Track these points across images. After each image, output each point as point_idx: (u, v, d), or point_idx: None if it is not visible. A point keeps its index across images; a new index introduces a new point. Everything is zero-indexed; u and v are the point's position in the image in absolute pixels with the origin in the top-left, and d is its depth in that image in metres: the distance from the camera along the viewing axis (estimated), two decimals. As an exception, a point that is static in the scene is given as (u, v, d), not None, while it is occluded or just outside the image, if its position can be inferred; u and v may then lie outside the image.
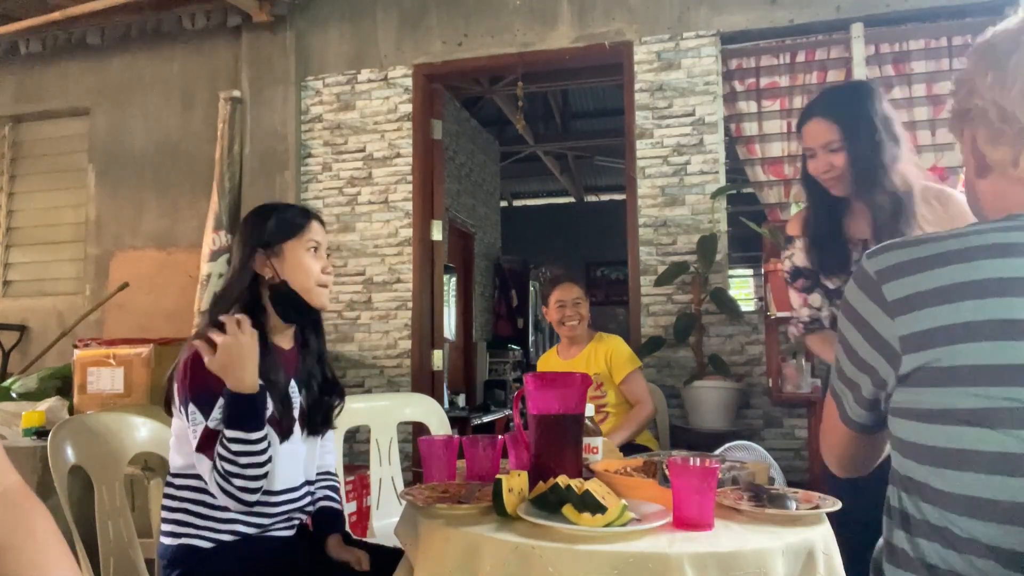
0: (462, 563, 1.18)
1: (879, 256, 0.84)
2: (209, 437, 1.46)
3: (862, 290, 0.84)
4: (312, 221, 1.66)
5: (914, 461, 0.81)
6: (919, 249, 0.81)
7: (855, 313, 0.85)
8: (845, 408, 0.92)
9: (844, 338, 0.88)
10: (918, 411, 0.79)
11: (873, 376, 0.84)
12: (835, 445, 1.00)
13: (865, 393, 0.87)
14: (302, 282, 1.61)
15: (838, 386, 0.92)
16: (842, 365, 0.90)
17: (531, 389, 1.46)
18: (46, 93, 4.73)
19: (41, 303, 4.61)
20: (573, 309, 2.91)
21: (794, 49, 3.62)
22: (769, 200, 3.68)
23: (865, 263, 0.85)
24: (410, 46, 4.08)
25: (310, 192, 4.18)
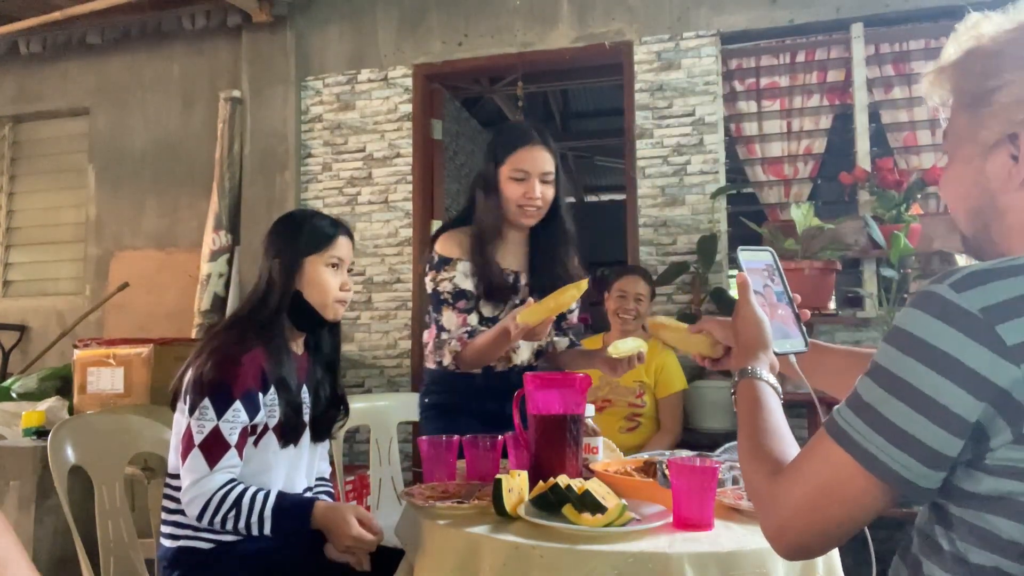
0: (462, 563, 1.18)
1: (976, 289, 0.69)
2: (217, 441, 1.47)
3: (959, 330, 0.69)
4: (339, 236, 1.65)
5: (1007, 519, 0.71)
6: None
7: (944, 357, 0.69)
8: (905, 476, 0.73)
9: (913, 388, 0.71)
10: None
11: (962, 429, 0.70)
12: (841, 518, 0.78)
13: (945, 450, 0.71)
14: (318, 297, 1.62)
15: (888, 450, 0.73)
16: (904, 424, 0.72)
17: (531, 389, 1.47)
18: (46, 93, 4.73)
19: (41, 303, 4.61)
20: (633, 303, 2.88)
21: (794, 49, 3.62)
22: (769, 200, 3.68)
23: (956, 298, 0.70)
24: (410, 46, 4.08)
25: (310, 192, 4.18)
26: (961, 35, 0.86)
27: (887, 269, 2.98)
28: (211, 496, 1.46)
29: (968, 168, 0.83)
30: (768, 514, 0.84)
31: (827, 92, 3.58)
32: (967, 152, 0.83)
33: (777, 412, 0.96)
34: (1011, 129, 0.78)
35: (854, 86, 3.48)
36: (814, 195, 3.69)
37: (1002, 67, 0.79)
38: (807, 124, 3.61)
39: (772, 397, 0.99)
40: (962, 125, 0.83)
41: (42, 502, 2.75)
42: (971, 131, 0.82)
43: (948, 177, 0.88)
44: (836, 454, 0.78)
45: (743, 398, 1.00)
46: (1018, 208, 0.80)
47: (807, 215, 3.06)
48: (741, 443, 0.95)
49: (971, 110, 0.82)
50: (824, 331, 3.35)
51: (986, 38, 0.83)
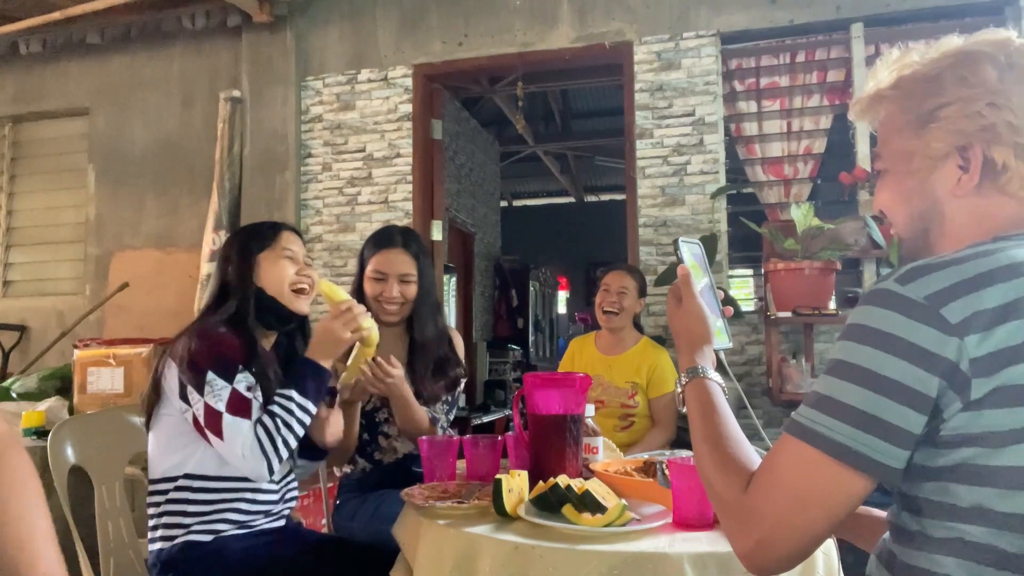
0: (462, 563, 1.18)
1: (917, 281, 0.77)
2: (241, 399, 1.50)
3: (907, 316, 0.76)
4: (284, 231, 1.72)
5: (966, 485, 0.77)
6: (959, 269, 0.77)
7: (898, 341, 0.76)
8: (878, 459, 0.77)
9: (875, 373, 0.77)
10: (990, 435, 0.75)
11: (924, 405, 0.76)
12: (823, 519, 0.80)
13: (910, 427, 0.76)
14: (276, 287, 1.66)
15: (858, 436, 0.77)
16: (871, 408, 0.77)
17: (531, 389, 1.47)
18: (46, 93, 4.73)
19: (41, 303, 4.61)
20: (615, 296, 2.86)
21: (794, 49, 3.62)
22: (769, 200, 3.68)
23: (902, 290, 0.77)
24: (410, 46, 4.08)
25: (310, 192, 4.18)
26: (889, 66, 0.94)
27: (887, 269, 2.98)
28: (258, 438, 1.49)
29: (914, 178, 0.90)
30: (745, 530, 0.83)
31: (827, 92, 3.58)
32: (915, 164, 0.90)
33: (730, 415, 0.97)
34: (960, 141, 0.86)
35: (854, 86, 3.48)
36: (814, 195, 3.69)
37: (943, 88, 0.87)
38: (807, 124, 3.61)
39: (722, 399, 1.00)
40: (908, 141, 0.90)
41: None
42: (919, 145, 0.89)
43: (889, 186, 0.95)
44: (806, 453, 0.80)
45: (695, 400, 1.00)
46: (959, 214, 0.88)
47: (807, 215, 3.06)
48: (700, 450, 0.94)
49: (917, 128, 0.89)
50: (824, 331, 3.36)
51: (920, 65, 0.91)
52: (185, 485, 1.55)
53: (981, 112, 0.84)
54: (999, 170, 0.85)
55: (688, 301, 1.09)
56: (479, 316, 6.91)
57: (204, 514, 1.56)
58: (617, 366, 2.87)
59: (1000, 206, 0.86)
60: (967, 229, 0.87)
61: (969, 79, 0.85)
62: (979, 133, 0.85)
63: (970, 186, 0.86)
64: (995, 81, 0.84)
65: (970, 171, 0.86)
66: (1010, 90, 0.84)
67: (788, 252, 3.06)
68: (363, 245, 2.10)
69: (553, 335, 9.00)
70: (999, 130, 0.84)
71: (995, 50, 0.86)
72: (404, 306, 2.00)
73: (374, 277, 2.00)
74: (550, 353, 8.68)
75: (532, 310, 7.88)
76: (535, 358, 7.85)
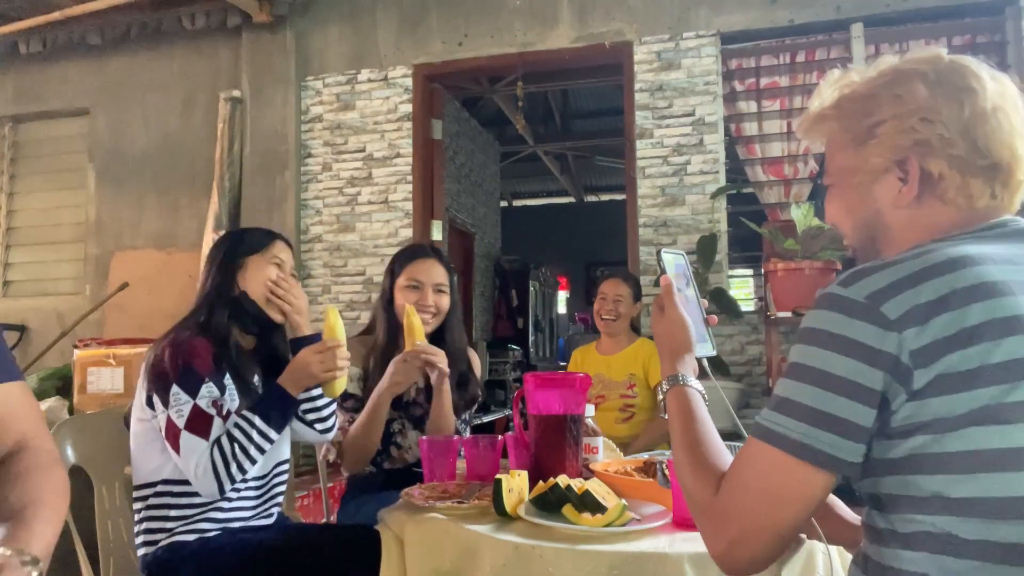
0: (461, 563, 1.18)
1: (858, 283, 0.82)
2: (201, 416, 1.49)
3: (850, 316, 0.81)
4: (277, 240, 1.72)
5: (922, 474, 0.79)
6: (896, 269, 0.82)
7: (843, 340, 0.81)
8: (834, 454, 0.81)
9: (824, 372, 0.81)
10: (936, 422, 0.78)
11: (871, 399, 0.80)
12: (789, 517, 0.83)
13: (862, 421, 0.80)
14: (260, 292, 1.66)
15: (813, 434, 0.81)
16: (823, 406, 0.81)
17: (531, 389, 1.47)
18: (46, 93, 4.73)
19: (41, 303, 4.61)
20: (612, 304, 2.99)
21: (794, 49, 3.62)
22: (769, 200, 3.68)
23: (844, 292, 0.82)
24: (410, 46, 4.08)
25: (310, 192, 4.18)
26: (831, 85, 0.99)
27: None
28: (212, 459, 1.48)
29: (857, 192, 0.96)
30: (718, 532, 0.87)
31: (827, 92, 3.57)
32: (858, 179, 0.95)
33: (709, 422, 1.01)
34: (897, 155, 0.90)
35: (854, 86, 3.48)
36: (814, 195, 3.69)
37: (880, 105, 0.92)
38: (807, 124, 3.61)
39: (702, 406, 1.03)
40: (850, 158, 0.95)
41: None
42: (860, 161, 0.94)
43: (835, 200, 1.00)
44: (768, 454, 0.84)
45: (675, 408, 1.03)
46: (901, 222, 0.93)
47: (807, 215, 3.06)
48: (678, 456, 0.98)
49: (857, 145, 0.94)
50: (824, 331, 3.35)
51: (858, 84, 0.96)
52: (165, 490, 1.56)
53: (915, 127, 0.89)
54: (936, 180, 0.89)
55: (670, 310, 1.12)
56: (479, 316, 6.91)
57: (186, 517, 1.56)
58: (616, 363, 2.98)
59: (938, 213, 0.91)
60: (909, 235, 0.92)
61: (903, 96, 0.90)
62: (914, 147, 0.89)
63: (910, 197, 0.91)
64: (926, 98, 0.89)
65: (909, 183, 0.90)
66: (940, 105, 0.88)
67: (788, 252, 3.06)
68: (392, 260, 2.09)
69: (553, 335, 9.00)
70: (932, 144, 0.88)
71: (926, 67, 0.91)
72: (436, 317, 1.99)
73: (409, 286, 1.98)
74: (550, 353, 8.68)
75: (532, 310, 7.88)
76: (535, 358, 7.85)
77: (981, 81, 0.90)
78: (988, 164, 0.88)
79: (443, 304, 2.00)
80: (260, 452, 1.53)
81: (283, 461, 1.78)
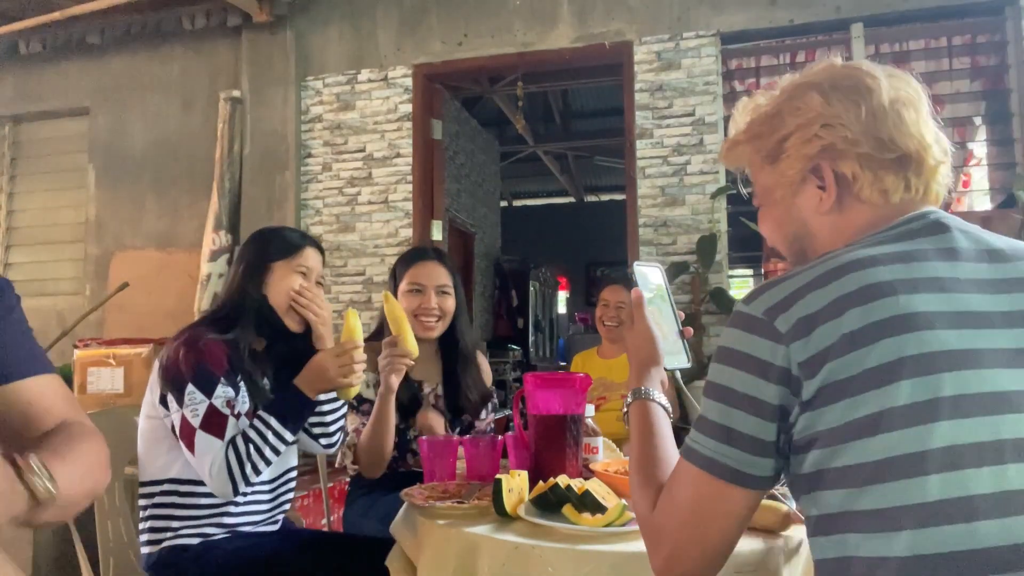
0: (462, 563, 1.18)
1: (759, 298, 0.83)
2: (216, 416, 1.48)
3: (749, 332, 0.82)
4: (307, 247, 1.70)
5: (825, 489, 0.77)
6: (794, 280, 0.83)
7: (742, 356, 0.82)
8: (741, 469, 0.82)
9: (727, 388, 0.83)
10: (828, 432, 0.77)
11: (769, 413, 0.80)
12: (717, 533, 0.85)
13: (763, 435, 0.81)
14: (282, 300, 1.65)
15: (721, 450, 0.82)
16: (726, 421, 0.82)
17: (531, 389, 1.47)
18: (46, 93, 4.73)
19: (41, 303, 4.61)
20: (614, 311, 3.02)
21: (794, 49, 3.62)
22: (769, 200, 3.68)
23: (746, 308, 0.84)
24: (410, 46, 4.08)
25: (310, 192, 4.18)
26: (742, 112, 1.02)
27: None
28: (227, 459, 1.47)
29: (781, 206, 0.98)
30: (655, 547, 0.89)
31: (827, 92, 3.57)
32: (779, 195, 0.97)
33: (668, 438, 1.02)
34: (810, 164, 0.93)
35: (854, 86, 3.48)
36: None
37: (783, 121, 0.95)
38: (807, 124, 3.61)
39: (664, 421, 1.04)
40: (768, 176, 0.98)
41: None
42: (776, 177, 0.97)
43: (765, 218, 1.03)
44: (690, 472, 0.86)
45: (636, 421, 1.04)
46: (824, 229, 0.94)
47: (807, 215, 3.06)
48: (632, 470, 1.00)
49: (772, 162, 0.97)
50: (824, 331, 3.35)
51: (763, 105, 1.00)
52: (171, 490, 1.55)
53: (818, 134, 0.91)
54: (851, 181, 0.91)
55: (639, 323, 1.14)
56: (479, 316, 6.91)
57: (192, 518, 1.55)
58: (617, 366, 3.02)
59: (857, 213, 0.92)
60: (830, 241, 0.93)
61: (802, 108, 0.93)
62: (822, 153, 0.91)
63: (830, 201, 0.92)
64: (822, 104, 0.91)
65: (827, 188, 0.92)
66: (838, 110, 0.90)
67: (788, 252, 3.06)
68: (393, 266, 2.08)
69: (553, 335, 9.00)
70: (838, 146, 0.90)
71: (820, 77, 0.95)
72: (442, 321, 1.98)
73: (411, 290, 1.97)
74: (550, 353, 8.69)
75: (532, 310, 7.89)
76: (535, 358, 7.86)
77: (876, 80, 0.91)
78: (897, 156, 0.89)
79: (447, 306, 1.99)
80: (275, 453, 1.52)
81: (291, 468, 1.78)
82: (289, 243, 1.69)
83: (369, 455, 1.84)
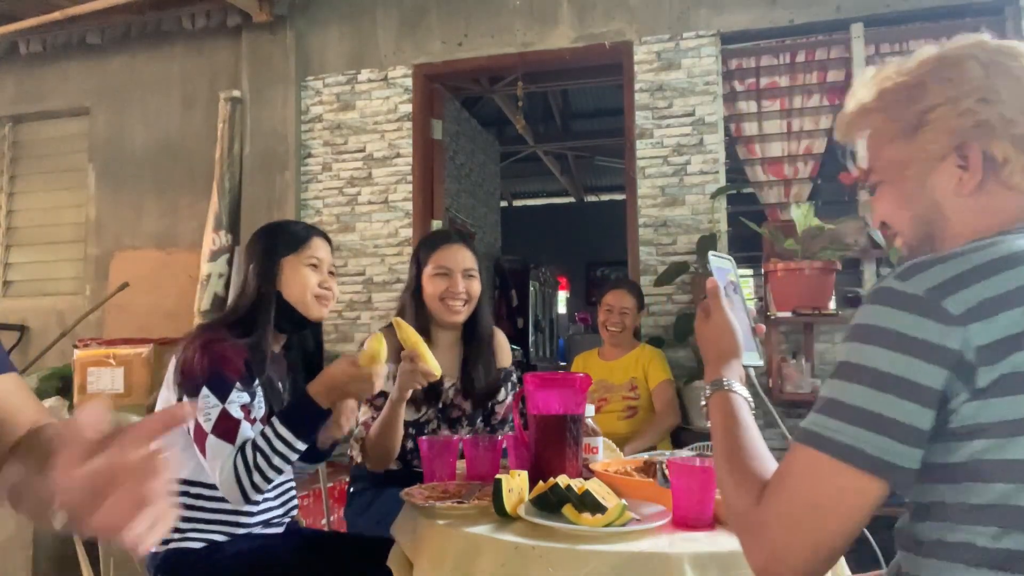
0: (462, 563, 1.18)
1: (916, 276, 0.77)
2: (228, 420, 1.47)
3: (907, 310, 0.75)
4: (313, 237, 1.69)
5: (981, 482, 0.75)
6: (956, 263, 0.77)
7: (897, 335, 0.75)
8: (889, 459, 0.75)
9: (876, 371, 0.76)
10: (998, 424, 0.73)
11: (929, 399, 0.74)
12: (837, 527, 0.77)
13: (918, 423, 0.74)
14: (298, 295, 1.64)
15: (865, 437, 0.75)
16: (874, 407, 0.75)
17: (531, 389, 1.47)
18: (46, 93, 4.73)
19: (41, 303, 4.61)
20: (618, 316, 3.04)
21: (794, 49, 3.62)
22: (769, 200, 3.68)
23: (902, 286, 0.77)
24: (410, 46, 4.08)
25: (310, 192, 4.18)
26: (867, 83, 0.95)
27: (887, 269, 2.98)
28: (235, 466, 1.46)
29: (912, 183, 0.91)
30: (757, 543, 0.82)
31: (827, 92, 3.58)
32: (912, 171, 0.90)
33: (754, 428, 0.96)
34: (956, 140, 0.86)
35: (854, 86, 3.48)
36: (814, 195, 3.69)
37: (928, 92, 0.88)
38: (807, 124, 3.61)
39: (747, 411, 0.98)
40: (899, 149, 0.91)
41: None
42: (913, 151, 0.89)
43: (887, 196, 0.95)
44: (815, 460, 0.78)
45: (717, 412, 0.99)
46: (962, 213, 0.88)
47: (807, 215, 3.06)
48: (718, 463, 0.93)
49: (907, 135, 0.90)
50: (824, 331, 3.35)
51: (899, 76, 0.92)
52: (182, 490, 1.55)
53: (972, 109, 0.84)
54: (1000, 164, 0.84)
55: (717, 315, 1.08)
56: (479, 316, 6.90)
57: (199, 520, 1.55)
58: (618, 368, 3.06)
59: (1004, 200, 0.86)
60: (970, 227, 0.87)
61: (954, 79, 0.86)
62: (974, 130, 0.84)
63: (972, 184, 0.86)
64: (982, 78, 0.84)
65: (970, 169, 0.85)
66: (997, 84, 0.84)
67: (788, 252, 3.06)
68: (416, 249, 2.05)
69: (553, 335, 9.00)
70: (993, 124, 0.83)
71: (975, 50, 0.87)
72: (468, 305, 1.95)
73: (438, 273, 1.92)
74: (550, 353, 8.68)
75: (532, 310, 7.88)
76: (535, 358, 7.85)
77: None
78: None
79: (474, 289, 1.96)
80: (285, 462, 1.49)
81: None
82: (296, 236, 1.68)
83: (376, 450, 1.83)
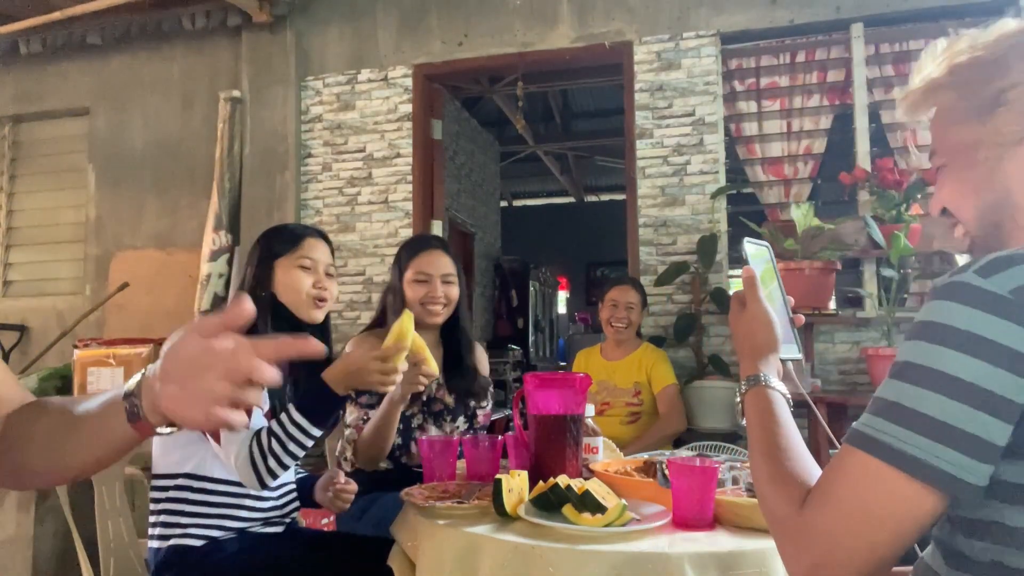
0: (462, 563, 1.18)
1: (1001, 274, 0.69)
2: None
3: (989, 312, 0.68)
4: (306, 238, 1.70)
5: None
6: None
7: (976, 339, 0.68)
8: (957, 475, 0.68)
9: (948, 376, 0.68)
10: None
11: (1009, 412, 0.67)
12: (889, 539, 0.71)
13: (995, 438, 0.67)
14: (291, 298, 1.65)
15: (932, 449, 0.68)
16: (944, 416, 0.68)
17: (531, 389, 1.47)
18: (46, 93, 4.73)
19: (41, 303, 4.61)
20: (624, 312, 3.00)
21: (794, 49, 3.62)
22: (769, 200, 3.68)
23: (983, 283, 0.69)
24: (410, 46, 4.08)
25: (310, 192, 4.18)
26: (937, 57, 0.87)
27: (887, 269, 2.98)
28: (251, 451, 1.46)
29: (982, 168, 0.83)
30: (800, 550, 0.75)
31: (827, 92, 3.58)
32: (983, 155, 0.82)
33: (792, 427, 0.90)
34: None
35: (854, 86, 3.48)
36: (814, 195, 3.69)
37: (1009, 68, 0.80)
38: (807, 124, 3.61)
39: (785, 409, 0.93)
40: (970, 131, 0.83)
41: (42, 502, 2.75)
42: (985, 133, 0.81)
43: (952, 181, 0.87)
44: (872, 466, 0.71)
45: (754, 409, 0.93)
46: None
47: (807, 215, 3.06)
48: (756, 464, 0.88)
49: (981, 115, 0.82)
50: (824, 331, 3.35)
51: (974, 50, 0.83)
52: (185, 485, 1.55)
53: None
54: None
55: (753, 305, 1.01)
56: (479, 316, 6.91)
57: (202, 515, 1.55)
58: (620, 370, 3.02)
59: None
60: None
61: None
62: None
63: None
64: None
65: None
66: None
67: (788, 252, 3.06)
68: (397, 254, 2.10)
69: (553, 335, 8.99)
70: None
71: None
72: (447, 308, 2.02)
73: (417, 280, 2.00)
74: (550, 353, 8.68)
75: (532, 310, 7.88)
76: (535, 358, 7.84)
77: None
78: None
79: (452, 294, 2.03)
80: (301, 448, 1.48)
81: None
82: (288, 236, 1.69)
83: (371, 450, 1.85)
